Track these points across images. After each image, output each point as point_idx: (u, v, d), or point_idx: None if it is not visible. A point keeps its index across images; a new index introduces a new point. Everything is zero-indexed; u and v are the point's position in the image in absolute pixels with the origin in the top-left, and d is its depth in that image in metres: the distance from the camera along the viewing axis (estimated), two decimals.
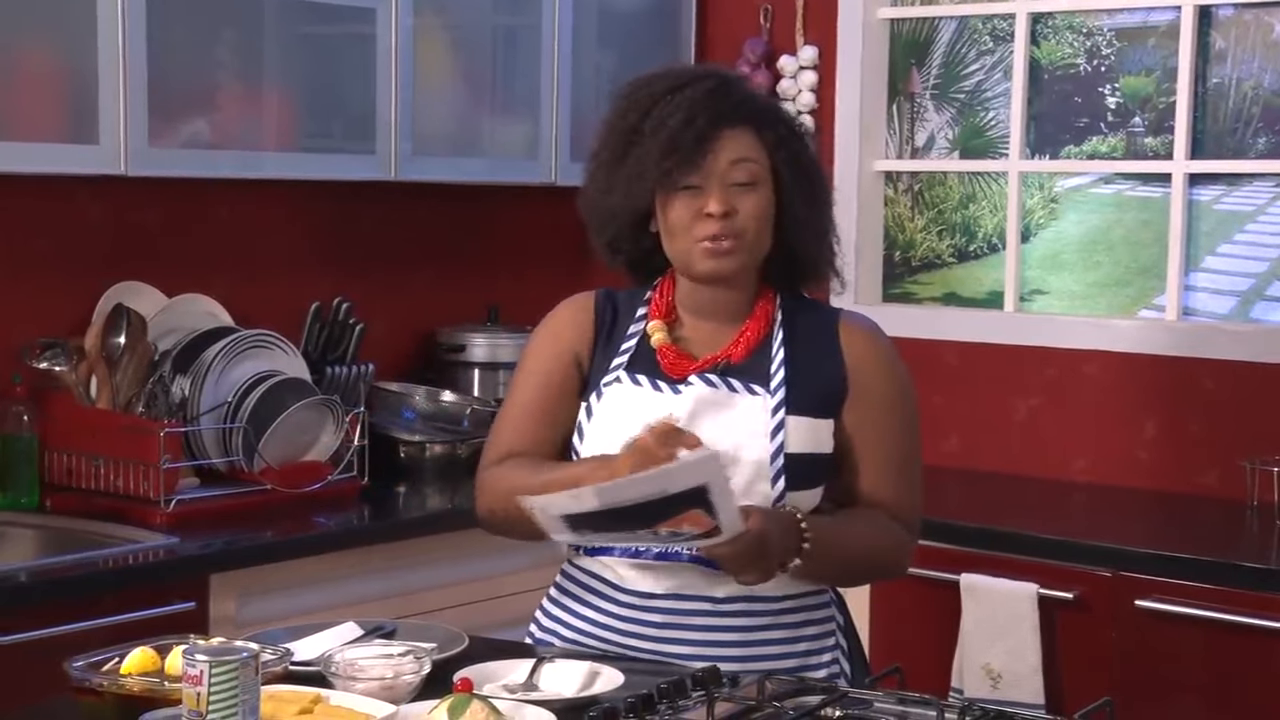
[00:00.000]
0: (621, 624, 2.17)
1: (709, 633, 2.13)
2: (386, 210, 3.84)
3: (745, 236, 2.12)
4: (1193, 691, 3.01)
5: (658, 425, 2.00)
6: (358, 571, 3.10)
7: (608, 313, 2.25)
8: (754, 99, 2.19)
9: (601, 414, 2.17)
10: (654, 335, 2.19)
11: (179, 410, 3.21)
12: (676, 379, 2.16)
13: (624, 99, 2.18)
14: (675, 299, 2.23)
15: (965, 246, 4.01)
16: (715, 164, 2.10)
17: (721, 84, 2.15)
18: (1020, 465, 3.80)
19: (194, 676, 1.64)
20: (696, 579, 2.12)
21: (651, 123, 2.11)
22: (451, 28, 3.67)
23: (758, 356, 2.17)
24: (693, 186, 2.11)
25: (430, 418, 3.71)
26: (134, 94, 3.00)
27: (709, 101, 2.11)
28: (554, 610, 2.26)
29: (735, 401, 2.13)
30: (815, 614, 2.19)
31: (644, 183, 2.12)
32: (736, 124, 2.12)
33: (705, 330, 2.20)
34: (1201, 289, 3.67)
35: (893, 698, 1.92)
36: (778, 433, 2.11)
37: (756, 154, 2.12)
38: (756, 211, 2.12)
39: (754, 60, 4.13)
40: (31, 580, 2.70)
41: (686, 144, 2.09)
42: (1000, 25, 3.92)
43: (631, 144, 2.13)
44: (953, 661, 3.21)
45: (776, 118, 2.18)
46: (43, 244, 3.29)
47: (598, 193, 2.19)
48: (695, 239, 2.12)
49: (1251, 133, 3.59)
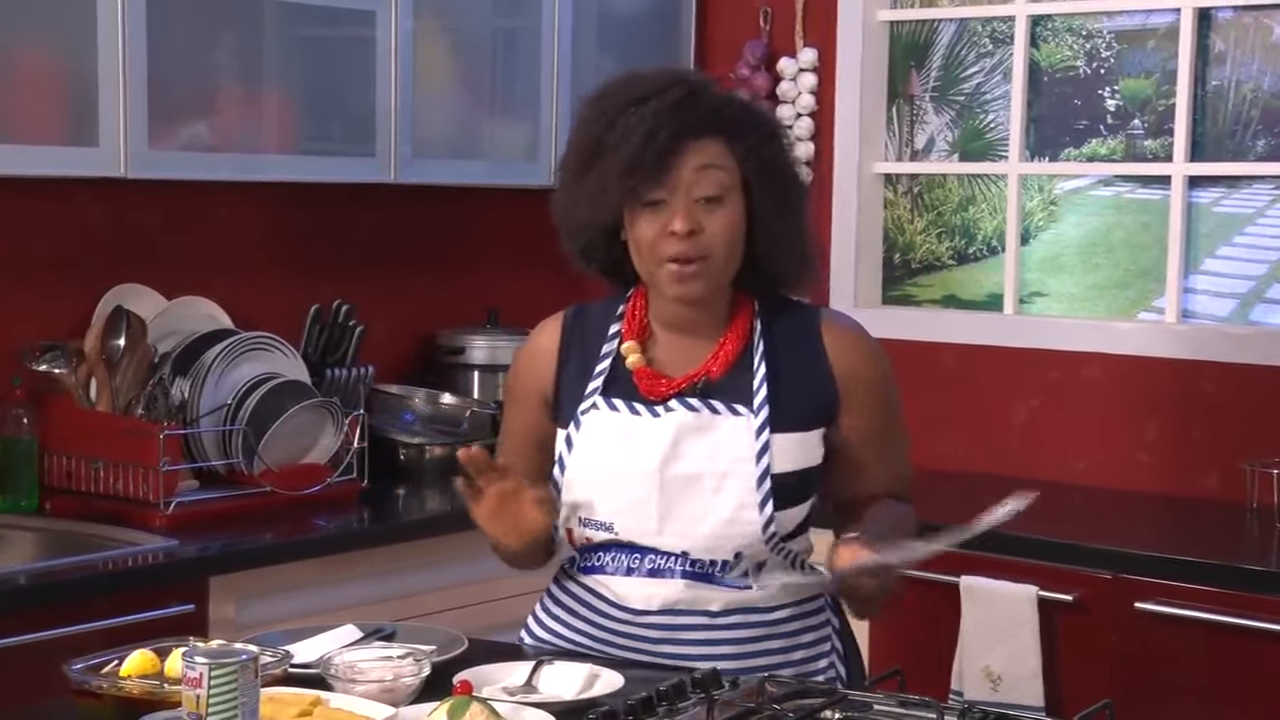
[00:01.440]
0: (618, 638, 2.16)
1: (705, 646, 2.12)
2: (386, 213, 3.84)
3: (712, 257, 2.06)
4: (1193, 694, 3.00)
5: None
6: (357, 574, 3.10)
7: (575, 335, 2.20)
8: (723, 107, 2.10)
9: (582, 443, 2.14)
10: (629, 357, 2.15)
11: (178, 413, 3.21)
12: (655, 400, 2.12)
13: (589, 108, 2.12)
14: (649, 315, 2.18)
15: (965, 249, 4.01)
16: (680, 178, 2.04)
17: (688, 94, 2.07)
18: (1020, 468, 3.79)
19: (193, 679, 1.64)
20: (689, 594, 2.11)
21: (615, 136, 2.05)
22: (451, 30, 3.67)
23: (738, 372, 2.12)
24: (658, 201, 2.05)
25: (430, 420, 3.71)
26: (134, 96, 3.00)
27: (673, 114, 2.04)
28: (547, 621, 2.25)
29: (718, 424, 2.10)
30: (812, 620, 2.19)
31: (608, 198, 2.07)
32: (703, 135, 2.05)
33: (681, 346, 2.15)
34: (1201, 291, 3.67)
35: (893, 700, 1.92)
36: (763, 455, 2.08)
37: (724, 162, 2.06)
38: (724, 230, 2.06)
39: (753, 62, 4.13)
40: (31, 583, 2.70)
41: (649, 159, 2.03)
42: (1000, 27, 3.92)
43: (596, 157, 2.07)
44: (953, 664, 3.21)
45: (747, 125, 2.10)
46: (42, 246, 3.29)
47: (565, 205, 2.15)
48: (660, 260, 2.06)
49: (1251, 135, 3.59)
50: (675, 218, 2.04)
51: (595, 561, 2.17)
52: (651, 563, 2.12)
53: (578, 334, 2.21)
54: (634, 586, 2.13)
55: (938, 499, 3.69)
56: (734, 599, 2.11)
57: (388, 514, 3.39)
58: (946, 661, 3.21)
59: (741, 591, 2.11)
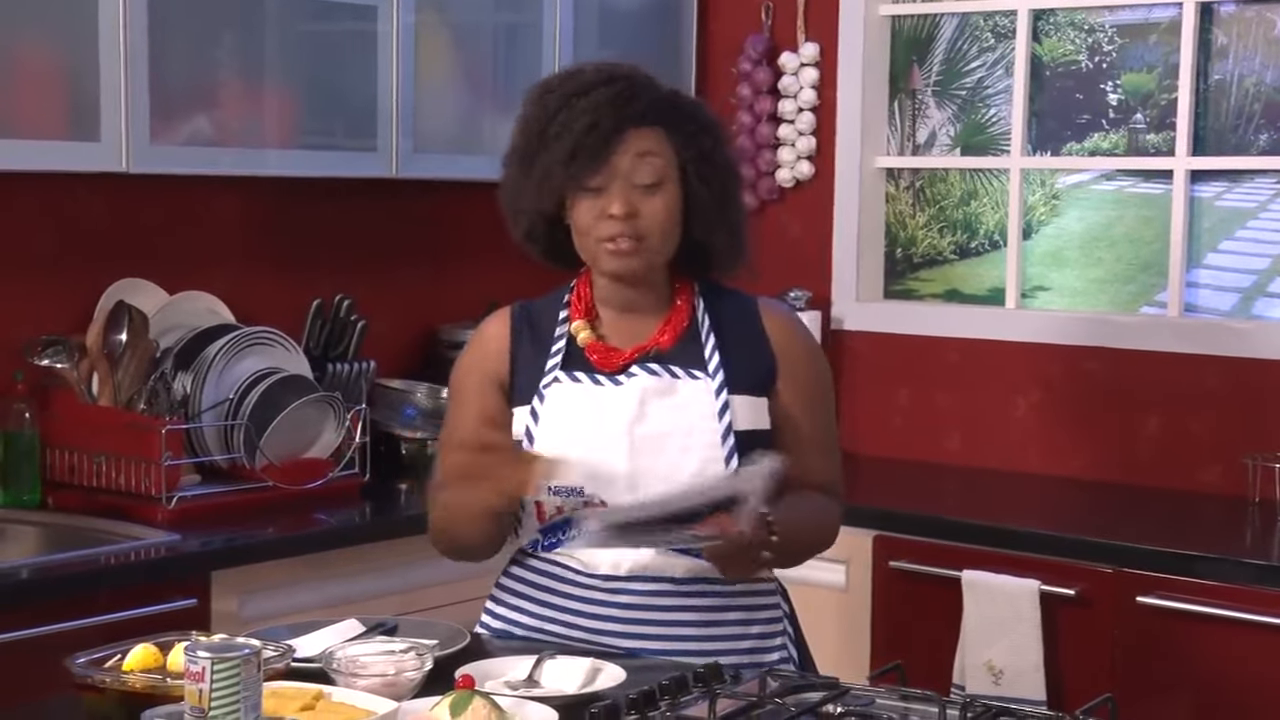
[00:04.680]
0: (586, 607, 2.19)
1: (672, 613, 2.17)
2: (387, 207, 3.84)
3: (649, 238, 2.16)
4: (1194, 688, 3.01)
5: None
6: (359, 569, 3.10)
7: (524, 325, 2.29)
8: (662, 99, 2.19)
9: (548, 415, 2.20)
10: (579, 335, 2.24)
11: (180, 407, 3.21)
12: (613, 371, 2.20)
13: (533, 103, 2.21)
14: (594, 298, 2.27)
15: (967, 243, 4.01)
16: (618, 165, 2.13)
17: (628, 87, 2.17)
18: (1021, 462, 3.80)
19: (196, 673, 1.64)
20: (656, 559, 2.16)
21: (556, 127, 2.15)
22: (453, 25, 3.66)
23: (687, 343, 2.21)
24: (597, 188, 2.14)
25: (431, 415, 3.71)
26: (135, 91, 3.00)
27: (614, 105, 2.14)
28: (509, 600, 2.28)
29: (678, 387, 2.18)
30: (764, 599, 2.25)
31: (551, 185, 2.16)
32: (642, 125, 2.15)
33: (627, 324, 2.24)
34: (1203, 285, 3.67)
35: (894, 694, 1.92)
36: (724, 412, 2.16)
37: (661, 150, 2.15)
38: (660, 213, 2.16)
39: (755, 57, 4.13)
40: (33, 577, 2.70)
41: (589, 147, 2.12)
42: (1002, 22, 3.91)
43: (540, 148, 2.16)
44: (954, 658, 3.21)
45: (685, 116, 2.20)
46: (44, 241, 3.29)
47: (511, 194, 2.24)
48: (598, 239, 2.16)
49: (1253, 129, 3.59)
50: (613, 201, 2.13)
51: (559, 536, 2.20)
52: None
53: (526, 323, 2.29)
54: (603, 553, 2.16)
55: (940, 493, 3.71)
56: (696, 566, 2.16)
57: (389, 509, 3.39)
58: (948, 656, 3.21)
59: (701, 560, 2.14)
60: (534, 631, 2.23)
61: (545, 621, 2.22)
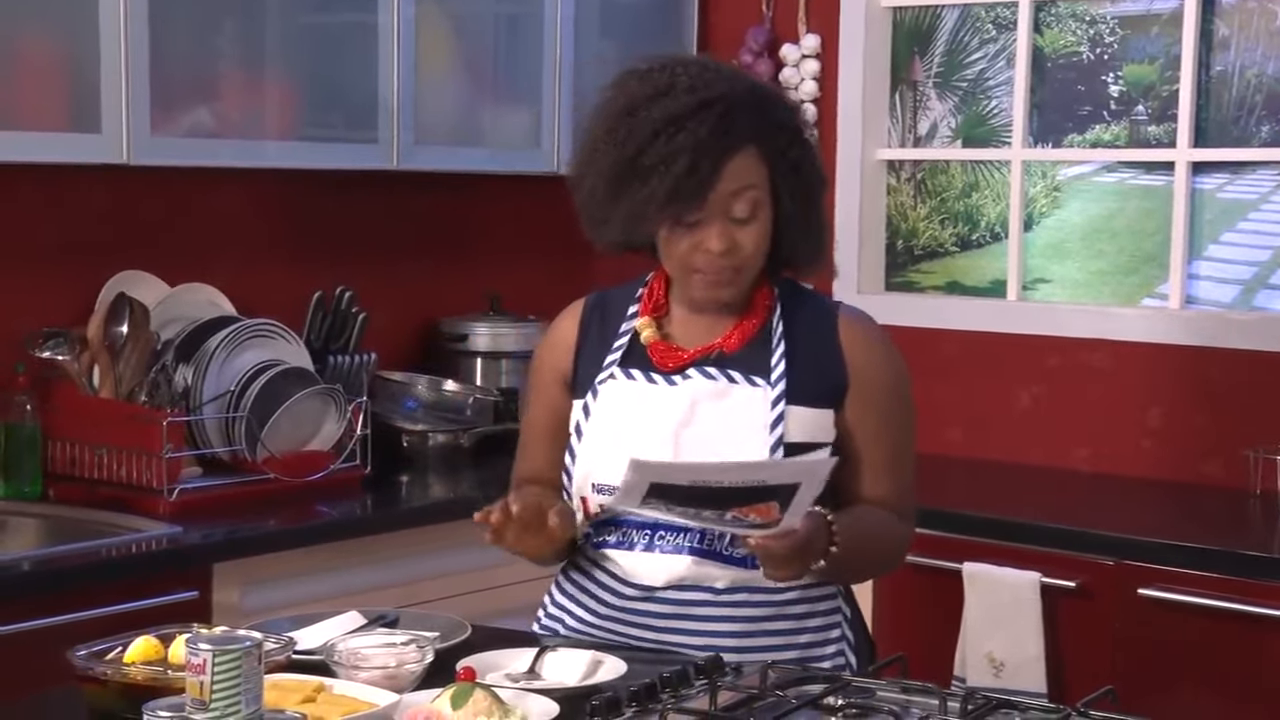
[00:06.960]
0: (626, 615, 2.17)
1: (711, 623, 2.13)
2: (388, 199, 3.84)
3: (745, 270, 2.13)
4: (1195, 680, 3.01)
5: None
6: (360, 561, 3.10)
7: (595, 318, 2.25)
8: (758, 117, 2.10)
9: (599, 412, 2.18)
10: (643, 332, 2.20)
11: (181, 399, 3.21)
12: (670, 371, 2.16)
13: (619, 121, 2.10)
14: (667, 294, 2.22)
15: (968, 235, 4.00)
16: (716, 200, 2.07)
17: (725, 111, 2.06)
18: (1023, 454, 3.80)
19: (197, 665, 1.64)
20: (696, 570, 2.12)
21: (650, 159, 2.05)
22: (453, 17, 3.66)
23: (755, 347, 2.16)
24: (692, 223, 2.09)
25: (433, 407, 3.72)
26: (136, 83, 3.00)
27: (713, 141, 2.04)
28: (561, 600, 2.27)
29: (734, 393, 2.13)
30: (820, 605, 2.19)
31: (645, 223, 2.10)
32: (739, 149, 2.07)
33: (698, 323, 2.19)
34: (1205, 277, 3.67)
35: (895, 686, 1.92)
36: (777, 425, 2.11)
37: (758, 177, 2.09)
38: (755, 243, 2.11)
39: (756, 49, 4.12)
40: (35, 569, 2.71)
41: (689, 190, 2.05)
42: (1003, 13, 3.91)
43: (630, 177, 2.07)
44: (955, 650, 3.21)
45: (777, 127, 2.12)
46: (45, 233, 3.29)
47: (596, 218, 2.15)
48: (692, 269, 2.12)
49: (1255, 121, 3.58)
50: (711, 237, 2.08)
51: (606, 536, 2.18)
52: (660, 537, 2.13)
53: (598, 316, 2.26)
54: (641, 561, 2.14)
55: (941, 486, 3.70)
56: (740, 577, 2.12)
57: (390, 501, 3.39)
58: (949, 648, 3.22)
59: (747, 570, 2.11)
60: (577, 633, 2.22)
61: (589, 627, 2.21)
